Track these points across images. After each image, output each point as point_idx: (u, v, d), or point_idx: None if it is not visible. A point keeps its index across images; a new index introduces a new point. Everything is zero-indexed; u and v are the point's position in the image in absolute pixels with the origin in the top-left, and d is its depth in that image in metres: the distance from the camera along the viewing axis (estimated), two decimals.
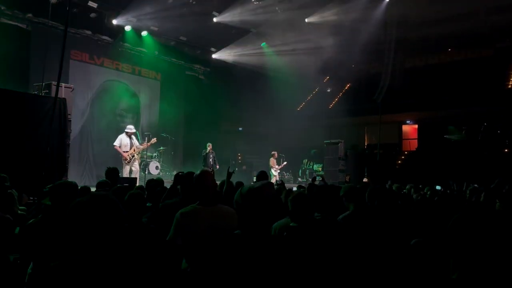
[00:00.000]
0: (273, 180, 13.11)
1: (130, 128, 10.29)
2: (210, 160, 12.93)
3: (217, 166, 12.97)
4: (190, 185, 3.50)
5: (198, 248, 2.74)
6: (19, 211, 4.74)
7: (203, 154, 13.27)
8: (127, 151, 9.96)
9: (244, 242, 2.09)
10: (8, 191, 4.63)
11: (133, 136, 10.26)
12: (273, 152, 14.11)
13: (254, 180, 10.42)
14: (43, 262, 2.34)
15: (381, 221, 3.25)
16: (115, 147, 10.16)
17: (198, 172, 3.05)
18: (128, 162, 9.93)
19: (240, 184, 6.06)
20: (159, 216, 3.45)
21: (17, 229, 3.17)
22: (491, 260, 1.42)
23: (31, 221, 2.94)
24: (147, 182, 5.38)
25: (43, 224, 2.80)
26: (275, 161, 14.10)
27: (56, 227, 2.72)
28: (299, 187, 7.69)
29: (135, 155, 10.15)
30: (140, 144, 10.48)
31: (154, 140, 10.88)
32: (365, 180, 12.23)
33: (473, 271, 1.41)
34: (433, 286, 1.46)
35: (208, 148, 13.11)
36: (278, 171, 14.40)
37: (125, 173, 9.86)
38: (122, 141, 10.04)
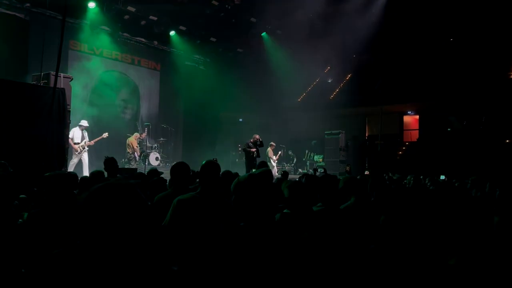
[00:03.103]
0: (273, 171, 13.05)
1: (84, 123, 10.65)
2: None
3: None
4: (181, 175, 3.52)
5: (193, 236, 2.74)
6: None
7: (250, 147, 11.82)
8: (78, 143, 10.28)
9: (245, 232, 2.08)
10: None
11: (85, 130, 10.60)
12: (271, 143, 14.01)
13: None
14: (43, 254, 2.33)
15: (381, 212, 3.23)
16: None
17: (204, 162, 3.06)
18: (78, 153, 10.26)
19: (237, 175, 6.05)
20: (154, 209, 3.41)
21: (26, 215, 3.13)
22: (486, 247, 1.44)
23: (31, 212, 2.92)
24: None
25: (42, 216, 2.77)
26: (272, 151, 14.01)
27: (54, 219, 2.69)
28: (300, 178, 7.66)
29: (86, 148, 10.49)
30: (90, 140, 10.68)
31: (105, 134, 11.10)
32: (366, 173, 12.20)
33: (469, 257, 1.43)
34: (432, 272, 1.47)
35: (257, 140, 11.80)
36: (276, 161, 14.33)
37: (71, 164, 10.07)
38: (74, 134, 10.31)
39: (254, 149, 11.79)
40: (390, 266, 2.31)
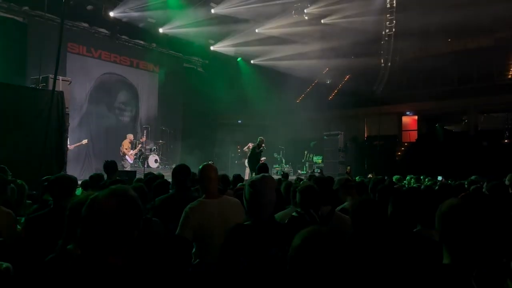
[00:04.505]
0: (247, 172, 12.88)
1: None
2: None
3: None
4: (184, 177, 3.57)
5: (208, 239, 2.75)
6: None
7: (256, 150, 11.54)
8: None
9: (255, 232, 2.12)
10: (17, 182, 4.56)
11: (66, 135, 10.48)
12: (250, 143, 13.90)
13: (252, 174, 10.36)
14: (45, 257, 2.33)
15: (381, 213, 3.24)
16: None
17: (201, 166, 3.05)
18: None
19: (238, 176, 6.08)
20: (158, 210, 3.43)
21: (23, 219, 3.13)
22: (479, 247, 1.46)
23: (32, 215, 2.92)
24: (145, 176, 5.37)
25: (45, 219, 2.77)
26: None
27: (58, 221, 2.69)
28: (297, 179, 7.67)
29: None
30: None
31: (85, 141, 11.13)
32: (370, 176, 12.16)
33: (462, 257, 1.45)
34: (427, 272, 1.49)
35: (262, 144, 11.63)
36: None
37: None
38: None
39: (258, 151, 11.73)
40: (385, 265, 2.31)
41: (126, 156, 12.68)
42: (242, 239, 2.10)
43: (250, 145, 13.69)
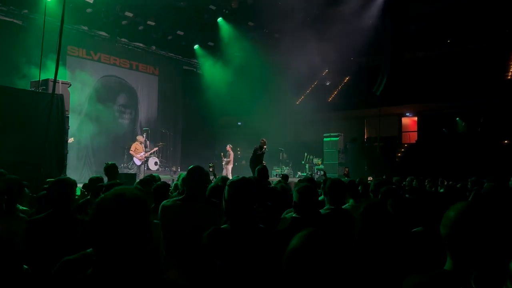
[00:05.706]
0: (225, 174, 12.86)
1: None
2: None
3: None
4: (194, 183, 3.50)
5: (174, 241, 2.78)
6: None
7: (258, 152, 11.47)
8: None
9: (233, 235, 2.10)
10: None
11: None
12: (230, 146, 13.87)
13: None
14: (45, 263, 2.32)
15: (383, 213, 3.24)
16: None
17: (190, 166, 3.05)
18: None
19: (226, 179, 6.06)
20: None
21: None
22: (486, 252, 1.44)
23: (33, 218, 2.91)
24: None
25: (45, 222, 2.76)
26: (232, 154, 13.84)
27: (57, 225, 2.69)
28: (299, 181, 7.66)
29: None
30: None
31: (71, 139, 10.87)
32: (370, 179, 12.15)
33: (467, 263, 1.43)
34: (428, 278, 1.47)
35: (264, 146, 11.53)
36: (231, 163, 14.13)
37: None
38: None
39: (260, 153, 11.71)
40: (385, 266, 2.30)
41: (134, 158, 12.50)
42: (219, 242, 2.08)
43: (228, 147, 13.69)
